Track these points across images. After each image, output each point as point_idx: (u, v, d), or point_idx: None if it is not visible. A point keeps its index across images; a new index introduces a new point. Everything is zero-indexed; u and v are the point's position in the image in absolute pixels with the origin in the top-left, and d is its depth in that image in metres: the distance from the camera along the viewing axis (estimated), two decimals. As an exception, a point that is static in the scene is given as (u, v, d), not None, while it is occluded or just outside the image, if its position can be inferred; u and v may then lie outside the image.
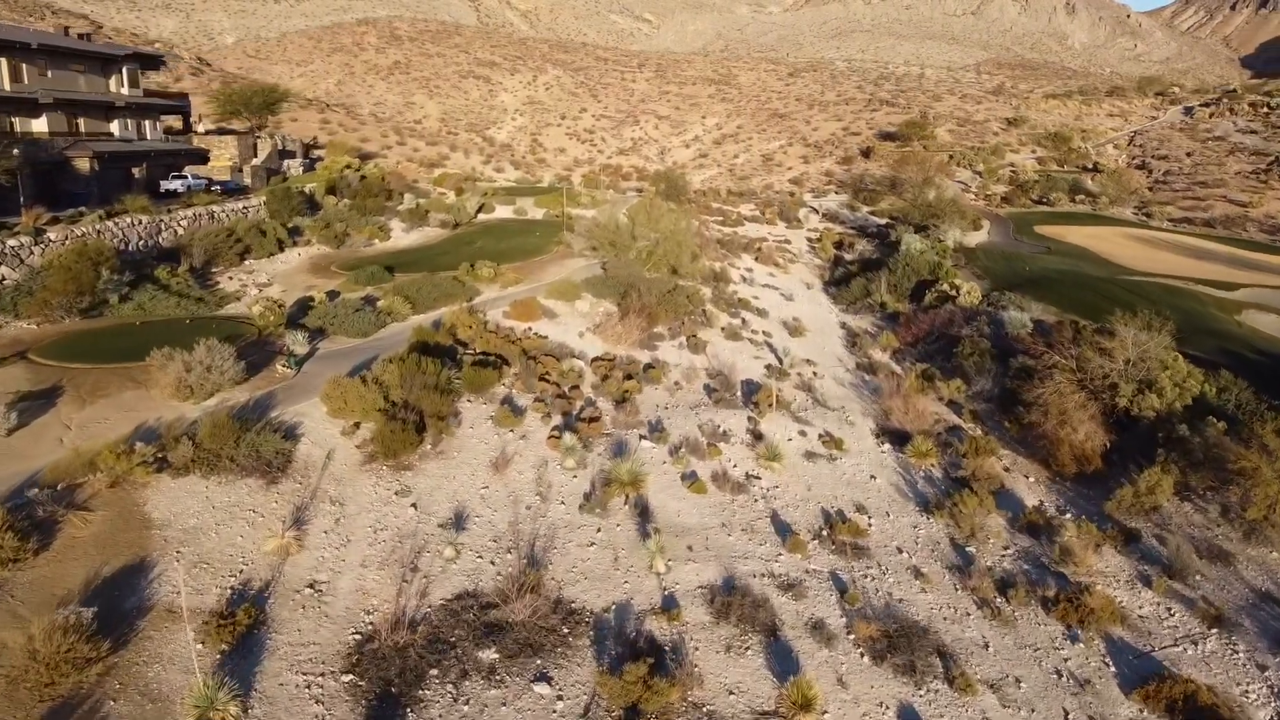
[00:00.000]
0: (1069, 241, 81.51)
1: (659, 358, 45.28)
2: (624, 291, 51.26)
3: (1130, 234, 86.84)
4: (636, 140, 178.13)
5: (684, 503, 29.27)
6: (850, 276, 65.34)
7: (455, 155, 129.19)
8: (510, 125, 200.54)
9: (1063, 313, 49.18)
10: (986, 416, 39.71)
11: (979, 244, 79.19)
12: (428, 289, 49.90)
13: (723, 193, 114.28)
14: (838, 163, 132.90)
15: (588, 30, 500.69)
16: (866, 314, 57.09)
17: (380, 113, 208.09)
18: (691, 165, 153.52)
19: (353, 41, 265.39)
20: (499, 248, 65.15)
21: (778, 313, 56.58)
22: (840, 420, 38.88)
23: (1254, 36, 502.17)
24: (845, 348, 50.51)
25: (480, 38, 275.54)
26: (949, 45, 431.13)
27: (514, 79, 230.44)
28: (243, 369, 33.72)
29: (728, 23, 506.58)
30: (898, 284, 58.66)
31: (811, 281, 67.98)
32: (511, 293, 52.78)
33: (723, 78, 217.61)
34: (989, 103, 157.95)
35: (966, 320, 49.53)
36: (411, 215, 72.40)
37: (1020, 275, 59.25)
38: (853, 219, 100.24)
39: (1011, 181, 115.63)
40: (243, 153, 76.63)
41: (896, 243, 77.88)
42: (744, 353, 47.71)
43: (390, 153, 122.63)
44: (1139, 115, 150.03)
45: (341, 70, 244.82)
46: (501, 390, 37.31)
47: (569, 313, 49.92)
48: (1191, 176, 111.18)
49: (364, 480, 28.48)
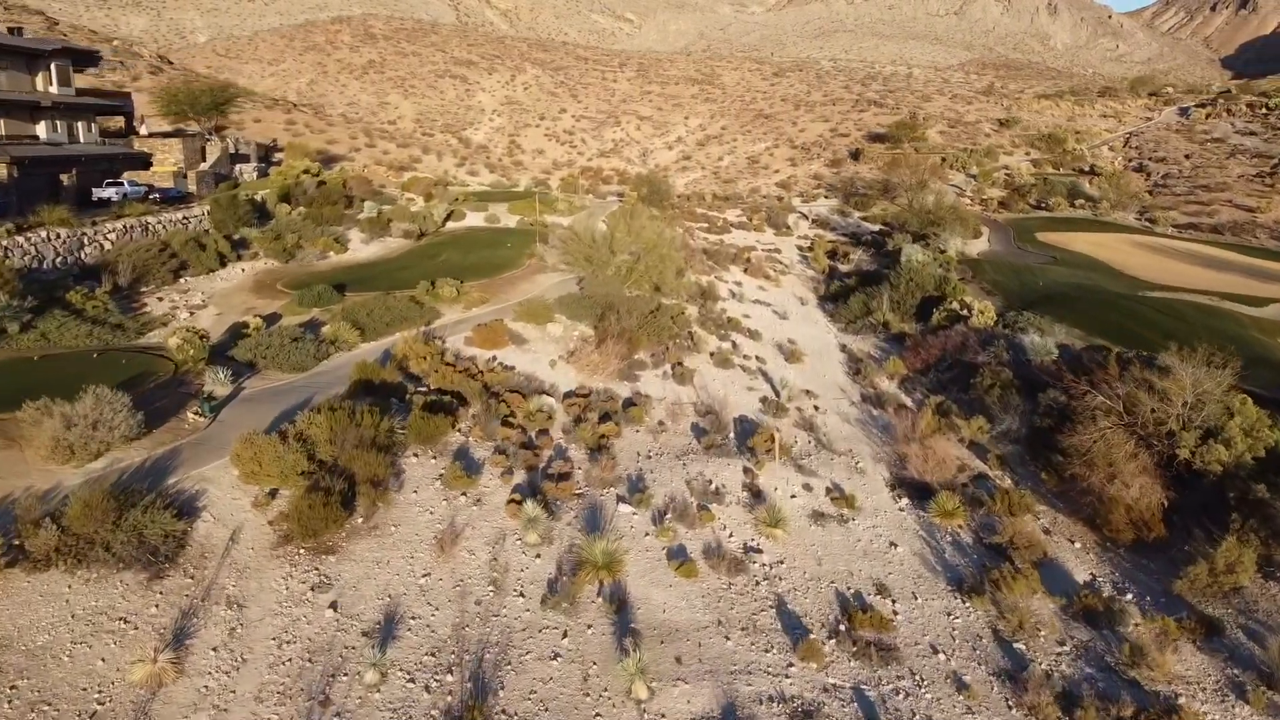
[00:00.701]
0: (1074, 250, 76.95)
1: (641, 391, 40.04)
2: (601, 313, 45.98)
3: (1137, 241, 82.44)
4: (618, 142, 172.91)
5: (671, 591, 24.00)
6: (848, 291, 60.32)
7: (428, 158, 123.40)
8: (487, 126, 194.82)
9: (1088, 336, 44.36)
10: (1015, 461, 34.70)
11: (981, 253, 74.50)
12: (380, 312, 44.37)
13: (708, 197, 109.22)
14: (826, 165, 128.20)
15: (568, 29, 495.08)
16: (868, 335, 52.04)
17: (353, 113, 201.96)
18: (674, 168, 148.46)
19: (326, 40, 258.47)
20: (466, 261, 59.69)
21: (771, 334, 51.44)
22: (849, 468, 33.74)
23: (1234, 37, 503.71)
24: (847, 375, 45.41)
25: (457, 36, 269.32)
26: (932, 45, 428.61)
27: (492, 78, 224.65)
28: (141, 421, 28.13)
29: (710, 22, 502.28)
30: (901, 301, 53.69)
31: (806, 296, 62.92)
32: (476, 315, 47.37)
33: (706, 77, 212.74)
34: (980, 103, 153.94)
35: (982, 344, 44.58)
36: (372, 225, 66.76)
37: (1034, 291, 54.46)
38: (844, 225, 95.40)
39: (1007, 185, 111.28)
40: (189, 157, 70.68)
41: (895, 253, 73.07)
42: (736, 383, 42.55)
43: (359, 155, 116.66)
44: (1133, 116, 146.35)
45: (314, 69, 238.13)
46: (456, 439, 31.91)
47: (540, 338, 44.58)
48: (1193, 180, 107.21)
49: (274, 570, 23.00)
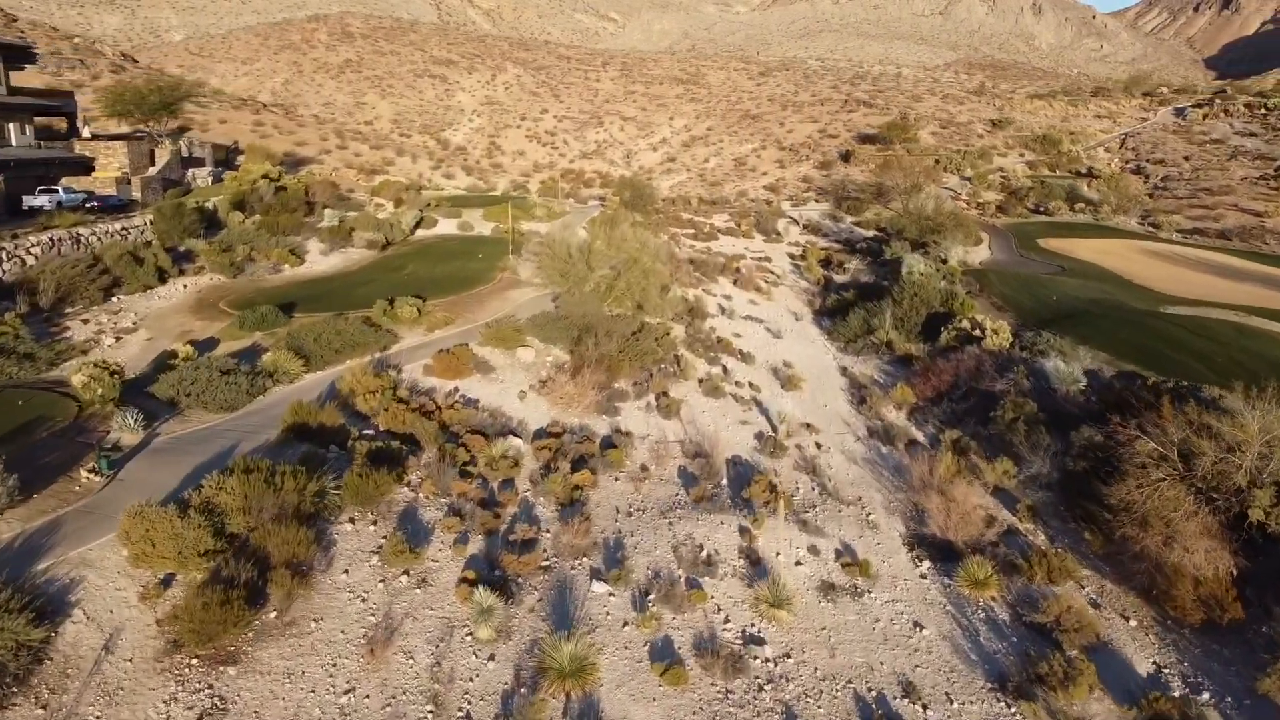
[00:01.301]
0: (1080, 258, 73.01)
1: (621, 426, 35.53)
2: (578, 336, 41.43)
3: (1144, 249, 78.63)
4: (600, 143, 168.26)
5: (655, 708, 19.43)
6: (845, 306, 55.99)
7: (401, 160, 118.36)
8: (467, 127, 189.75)
9: (1116, 360, 40.17)
10: (1049, 512, 30.37)
11: (983, 262, 70.43)
12: (330, 337, 39.56)
13: (694, 201, 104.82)
14: (816, 167, 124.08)
15: (551, 29, 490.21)
16: (870, 356, 47.65)
17: (328, 113, 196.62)
18: (659, 170, 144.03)
19: (302, 39, 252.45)
20: (432, 274, 54.95)
21: (765, 355, 47.01)
22: (859, 522, 29.34)
23: (1217, 38, 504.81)
24: (851, 404, 41.01)
25: (437, 35, 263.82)
26: (918, 45, 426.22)
27: (472, 78, 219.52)
28: (16, 485, 23.32)
29: (694, 22, 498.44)
30: (904, 318, 49.39)
31: (800, 311, 58.54)
32: (439, 338, 42.67)
33: (691, 77, 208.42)
34: (971, 103, 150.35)
35: (999, 370, 40.30)
36: (333, 234, 61.86)
37: (1048, 307, 50.29)
38: (837, 231, 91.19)
39: (1003, 188, 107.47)
40: (135, 161, 65.52)
41: (893, 262, 68.88)
42: (728, 415, 38.10)
43: (328, 158, 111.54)
44: (1128, 117, 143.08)
45: (289, 69, 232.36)
46: (404, 496, 27.24)
47: (509, 365, 39.96)
48: (1194, 182, 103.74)
49: (154, 692, 18.26)
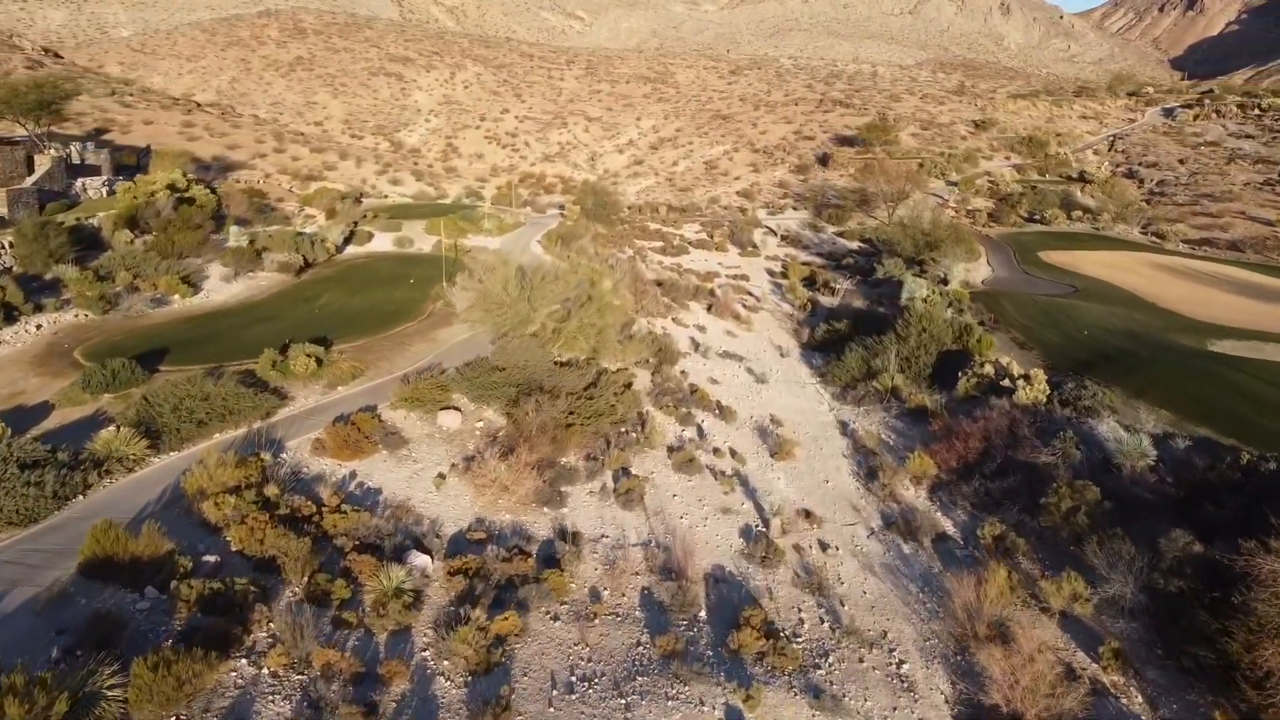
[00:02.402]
0: (1089, 275, 65.95)
1: (567, 525, 27.20)
2: (516, 395, 32.97)
3: (1155, 263, 71.74)
4: (564, 145, 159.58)
5: None
6: (839, 339, 48.03)
7: (344, 164, 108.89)
8: (423, 128, 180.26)
9: (1182, 420, 32.59)
10: (1141, 654, 22.42)
11: (986, 281, 62.99)
12: (194, 403, 30.70)
13: (662, 210, 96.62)
14: (792, 171, 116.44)
15: (517, 27, 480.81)
16: (873, 406, 39.62)
17: (275, 113, 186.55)
18: (625, 173, 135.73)
19: (251, 35, 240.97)
20: (349, 307, 46.16)
21: (748, 407, 38.87)
22: (888, 681, 21.23)
23: (1182, 38, 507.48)
24: (857, 477, 32.93)
25: (394, 31, 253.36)
26: (888, 44, 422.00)
27: (429, 76, 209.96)
28: None
29: (662, 20, 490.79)
30: (912, 358, 41.51)
31: (785, 345, 50.45)
32: (341, 398, 33.97)
33: (659, 76, 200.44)
34: (952, 103, 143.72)
35: (1039, 433, 32.49)
36: (239, 257, 52.73)
37: (1080, 344, 42.66)
38: (818, 243, 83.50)
39: (993, 193, 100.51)
40: (8, 170, 55.93)
41: (886, 282, 61.16)
42: (705, 499, 29.89)
43: (262, 162, 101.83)
44: (1115, 117, 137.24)
45: (237, 66, 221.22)
46: (236, 677, 18.63)
47: (427, 436, 31.45)
48: (1193, 188, 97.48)
49: None
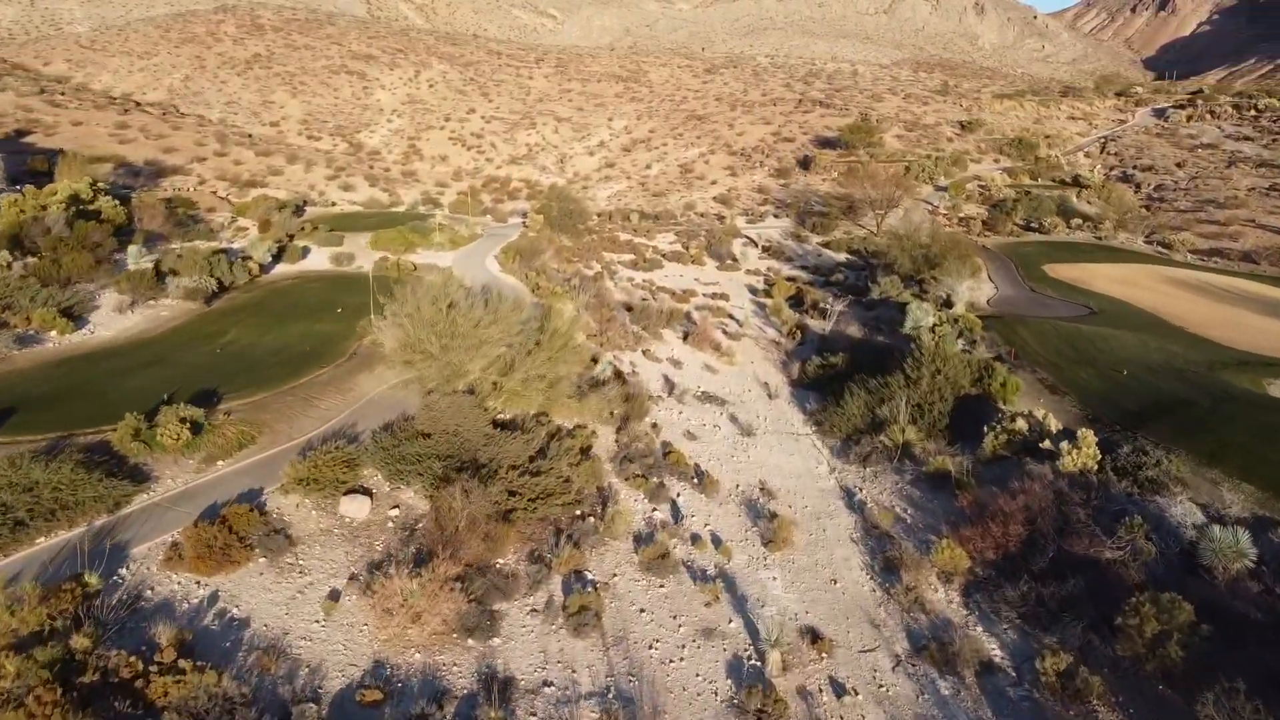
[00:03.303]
0: (1102, 292, 60.07)
1: (498, 666, 20.31)
2: (444, 471, 26.04)
3: (1170, 278, 66.02)
4: (532, 146, 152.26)
5: None
6: (835, 377, 41.45)
7: (292, 169, 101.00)
8: (385, 128, 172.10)
9: (1265, 494, 26.30)
10: None
11: (991, 301, 56.82)
12: (14, 494, 23.39)
13: (633, 218, 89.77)
14: (771, 175, 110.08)
15: (488, 25, 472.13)
16: (882, 468, 33.01)
17: (230, 113, 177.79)
18: (596, 177, 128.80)
19: (207, 31, 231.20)
20: (258, 346, 38.86)
21: (733, 472, 32.14)
22: None
23: (1154, 38, 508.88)
24: (870, 573, 26.29)
25: (357, 28, 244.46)
26: (863, 44, 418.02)
27: (393, 75, 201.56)
28: None
29: (636, 18, 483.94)
30: (925, 404, 35.01)
31: (773, 382, 43.75)
32: (221, 476, 26.79)
33: (632, 74, 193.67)
34: (936, 103, 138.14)
35: (1094, 513, 26.07)
36: (137, 282, 45.15)
37: (1121, 387, 36.32)
38: (803, 255, 77.09)
39: (984, 199, 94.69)
40: None
41: (882, 304, 54.75)
42: (682, 615, 23.17)
43: (200, 167, 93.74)
44: (1104, 118, 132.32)
45: (191, 64, 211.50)
46: None
47: (323, 532, 24.42)
48: (1195, 194, 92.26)
49: None
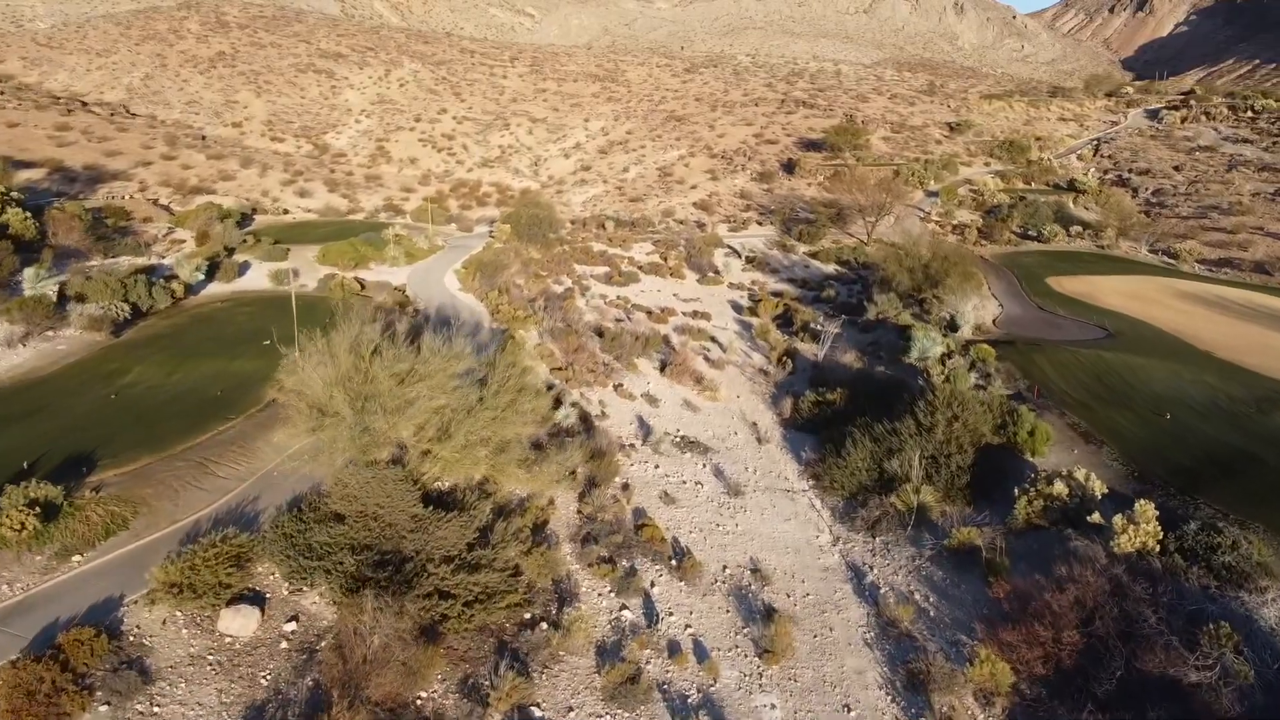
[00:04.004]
0: (1112, 308, 55.43)
1: None
2: (358, 567, 20.62)
3: (1180, 290, 61.57)
4: (505, 148, 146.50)
5: None
6: (833, 417, 36.33)
7: (246, 173, 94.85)
8: (353, 129, 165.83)
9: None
10: None
11: (998, 321, 51.99)
12: None
13: (609, 226, 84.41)
14: (754, 179, 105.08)
15: (464, 24, 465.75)
16: (893, 534, 27.89)
17: (192, 114, 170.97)
18: (571, 181, 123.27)
19: (169, 28, 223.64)
20: (165, 388, 33.21)
21: (718, 548, 26.90)
22: None
23: (1132, 39, 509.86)
24: (892, 693, 21.14)
25: (326, 25, 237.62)
26: (843, 43, 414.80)
27: (363, 74, 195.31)
28: None
29: (614, 17, 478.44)
30: (939, 455, 29.95)
31: (762, 422, 38.52)
32: (77, 577, 21.24)
33: (609, 74, 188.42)
34: (923, 104, 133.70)
35: (1164, 614, 21.03)
36: (32, 310, 39.28)
37: (1162, 432, 31.42)
38: (789, 266, 72.07)
39: (977, 205, 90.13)
40: None
41: (880, 323, 49.77)
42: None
43: (145, 172, 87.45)
44: (1096, 119, 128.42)
45: (152, 62, 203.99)
46: None
47: (193, 660, 19.05)
48: (1195, 198, 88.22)
49: None
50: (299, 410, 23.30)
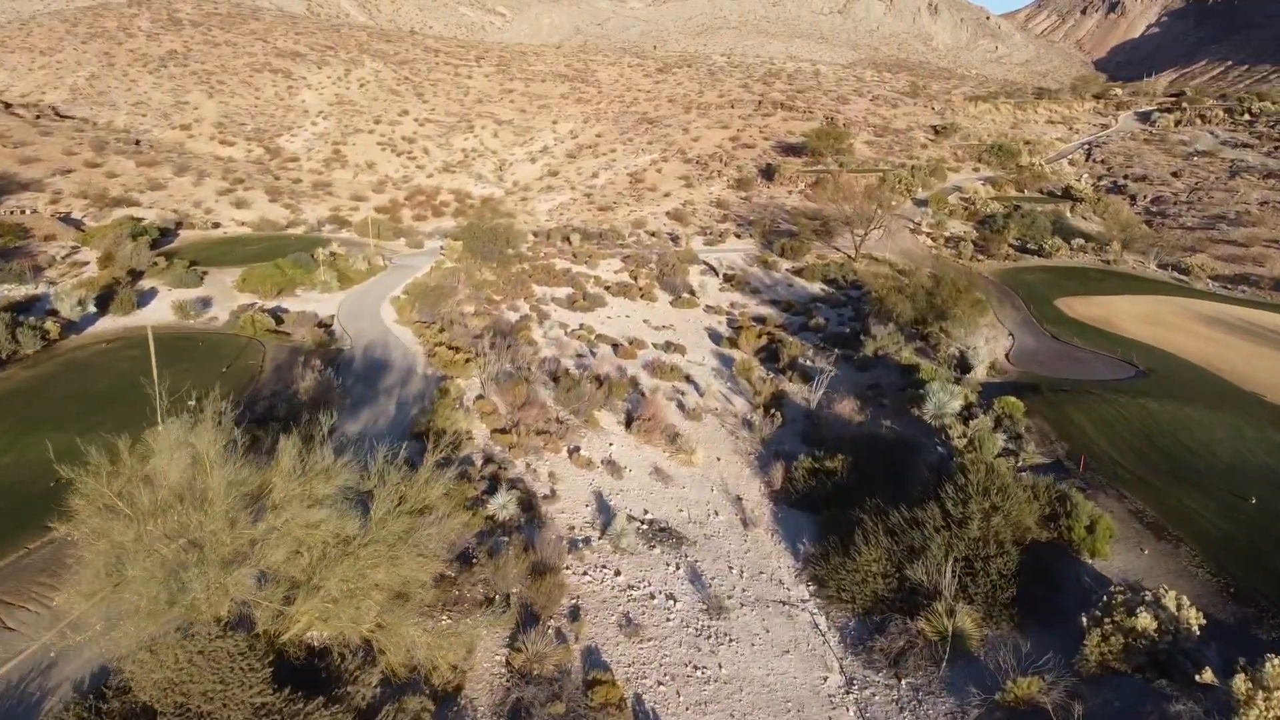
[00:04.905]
0: (1135, 337, 49.55)
1: None
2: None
3: (1201, 313, 55.87)
4: (469, 152, 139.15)
5: None
6: (832, 490, 29.81)
7: (178, 182, 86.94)
8: (309, 131, 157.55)
9: None
10: None
11: (1013, 357, 45.81)
12: None
13: (574, 239, 77.59)
14: (730, 186, 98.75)
15: (433, 22, 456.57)
16: (924, 675, 21.37)
17: (139, 115, 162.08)
18: (538, 187, 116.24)
19: (119, 26, 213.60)
20: (-19, 479, 25.97)
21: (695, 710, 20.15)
22: None
23: (1105, 40, 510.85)
24: None
25: (284, 23, 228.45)
26: (818, 44, 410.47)
27: (321, 73, 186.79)
28: None
29: (586, 16, 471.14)
30: (975, 558, 23.54)
31: (748, 494, 31.89)
32: None
33: (578, 74, 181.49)
34: (906, 106, 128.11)
35: None
36: None
37: (1255, 525, 25.18)
38: (771, 285, 65.75)
39: (970, 215, 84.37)
40: None
41: (880, 361, 43.42)
42: None
43: (64, 180, 79.32)
44: (1085, 122, 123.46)
45: (98, 61, 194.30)
46: None
47: None
48: (1201, 208, 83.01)
49: None
50: (91, 560, 16.20)
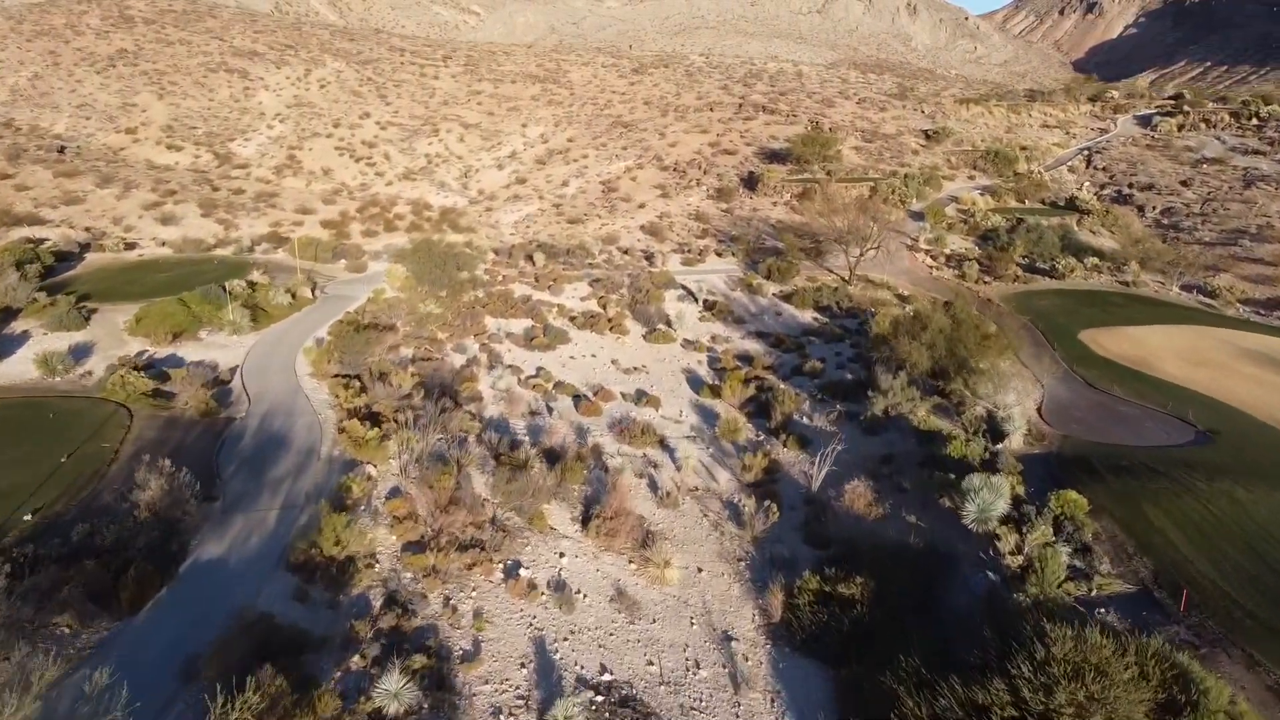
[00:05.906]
0: (1179, 383, 42.83)
1: None
2: None
3: (1248, 351, 49.16)
4: (432, 157, 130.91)
5: None
6: (849, 625, 22.53)
7: (100, 194, 78.33)
8: (264, 135, 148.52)
9: None
10: None
11: (1040, 404, 38.70)
12: None
13: (537, 257, 69.84)
14: (710, 196, 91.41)
15: (406, 21, 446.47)
16: None
17: (82, 118, 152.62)
18: (504, 195, 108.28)
19: (66, 23, 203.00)
20: None
21: None
22: None
23: (1082, 41, 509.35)
24: None
25: (242, 21, 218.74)
26: (797, 44, 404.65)
27: (280, 74, 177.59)
28: None
29: (562, 16, 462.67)
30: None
31: (740, 631, 24.38)
32: None
33: (550, 74, 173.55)
34: (895, 110, 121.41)
35: None
36: None
37: None
38: (756, 314, 58.42)
39: (970, 229, 77.55)
40: None
41: (893, 422, 36.18)
42: None
43: (-37, 195, 70.63)
44: (1082, 126, 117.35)
45: (43, 60, 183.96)
46: None
47: None
48: (1216, 222, 76.67)
49: None
50: None
